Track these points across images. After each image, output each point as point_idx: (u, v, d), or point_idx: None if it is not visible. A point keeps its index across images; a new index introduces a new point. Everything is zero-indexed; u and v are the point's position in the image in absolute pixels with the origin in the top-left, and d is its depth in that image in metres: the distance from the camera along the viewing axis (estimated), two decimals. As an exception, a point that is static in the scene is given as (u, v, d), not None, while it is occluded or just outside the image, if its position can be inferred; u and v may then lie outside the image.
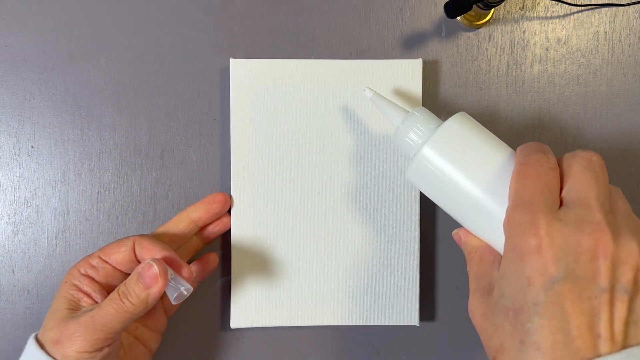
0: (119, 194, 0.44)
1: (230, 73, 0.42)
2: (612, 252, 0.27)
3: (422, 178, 0.34)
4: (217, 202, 0.42)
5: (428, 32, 0.45)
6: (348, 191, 0.43)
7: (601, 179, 0.30)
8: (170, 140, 0.44)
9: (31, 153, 0.44)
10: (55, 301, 0.38)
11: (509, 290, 0.29)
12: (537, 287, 0.27)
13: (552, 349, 0.27)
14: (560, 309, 0.27)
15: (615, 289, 0.27)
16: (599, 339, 0.26)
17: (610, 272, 0.27)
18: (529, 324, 0.27)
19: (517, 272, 0.28)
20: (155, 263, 0.36)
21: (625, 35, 0.45)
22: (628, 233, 0.28)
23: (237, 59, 0.43)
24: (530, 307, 0.27)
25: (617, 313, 0.27)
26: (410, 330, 0.46)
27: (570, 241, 0.28)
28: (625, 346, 0.26)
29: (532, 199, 0.29)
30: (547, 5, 0.45)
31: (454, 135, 0.33)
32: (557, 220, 0.28)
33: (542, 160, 0.31)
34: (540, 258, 0.28)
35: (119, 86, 0.44)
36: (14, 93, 0.44)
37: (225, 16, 0.44)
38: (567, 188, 0.30)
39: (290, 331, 0.45)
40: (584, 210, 0.28)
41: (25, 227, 0.44)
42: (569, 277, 0.27)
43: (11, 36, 0.44)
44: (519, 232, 0.29)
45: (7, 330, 0.45)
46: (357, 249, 0.43)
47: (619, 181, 0.45)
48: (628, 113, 0.45)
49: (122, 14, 0.44)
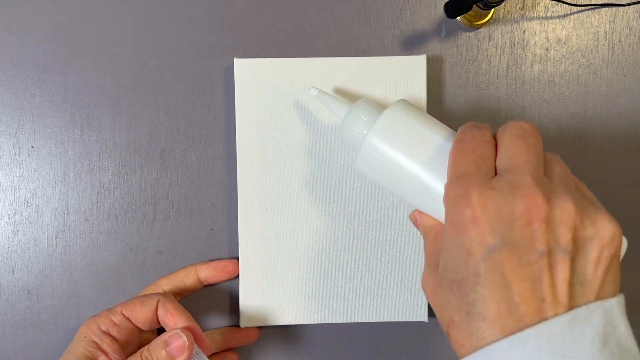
0: (119, 194, 0.44)
1: (235, 72, 0.42)
2: (546, 214, 0.27)
3: (369, 167, 0.35)
4: (227, 273, 0.43)
5: (428, 32, 0.45)
6: (356, 188, 0.43)
7: (532, 145, 0.30)
8: (170, 140, 0.44)
9: (31, 153, 0.44)
10: (71, 355, 0.38)
11: (452, 263, 0.29)
12: (476, 258, 0.27)
13: (497, 318, 0.26)
14: (501, 277, 0.27)
15: (554, 251, 0.27)
16: (543, 303, 0.26)
17: (547, 234, 0.27)
18: (473, 294, 0.27)
19: (457, 244, 0.28)
20: (184, 334, 0.36)
21: (625, 35, 0.45)
22: (563, 193, 0.28)
23: (241, 59, 0.43)
24: (472, 278, 0.27)
25: (560, 275, 0.26)
26: (410, 330, 0.46)
27: (503, 208, 0.27)
28: (572, 307, 0.26)
29: (466, 171, 0.29)
30: (547, 5, 0.45)
31: (395, 121, 0.34)
32: (490, 189, 0.28)
33: (477, 135, 0.31)
34: (476, 228, 0.27)
35: (119, 86, 0.44)
36: (14, 93, 0.44)
37: (225, 16, 0.44)
38: (499, 157, 0.30)
39: (289, 331, 0.45)
40: (516, 175, 0.28)
41: (25, 227, 0.44)
42: (505, 244, 0.27)
43: (11, 36, 0.44)
44: (455, 205, 0.29)
45: (7, 330, 0.45)
46: (365, 246, 0.43)
47: (619, 181, 0.45)
48: (628, 113, 0.45)
49: (122, 14, 0.44)
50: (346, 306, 0.43)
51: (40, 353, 0.45)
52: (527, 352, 0.25)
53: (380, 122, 0.34)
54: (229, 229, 0.45)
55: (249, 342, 0.44)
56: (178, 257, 0.45)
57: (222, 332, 0.43)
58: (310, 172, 0.43)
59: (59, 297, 0.44)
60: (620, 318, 0.27)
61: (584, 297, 0.27)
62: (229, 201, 0.45)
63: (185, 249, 0.45)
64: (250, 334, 0.44)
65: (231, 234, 0.45)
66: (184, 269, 0.43)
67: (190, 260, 0.44)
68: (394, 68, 0.43)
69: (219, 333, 0.43)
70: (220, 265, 0.43)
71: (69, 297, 0.45)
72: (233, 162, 0.44)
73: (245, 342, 0.44)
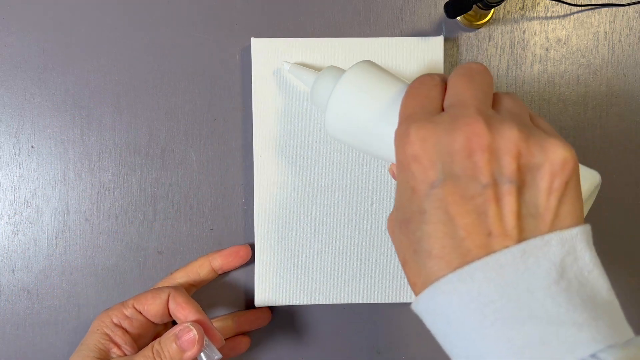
0: (119, 194, 0.44)
1: (252, 52, 0.43)
2: (489, 144, 0.25)
3: (337, 129, 0.36)
4: (240, 257, 0.44)
5: (428, 32, 0.45)
6: (371, 170, 0.43)
7: (478, 81, 0.29)
8: (170, 140, 0.44)
9: (31, 153, 0.44)
10: (84, 347, 0.38)
11: (400, 203, 0.28)
12: (420, 195, 0.27)
13: (442, 254, 0.26)
14: (444, 212, 0.26)
15: (499, 183, 0.25)
16: (489, 237, 0.25)
17: (490, 165, 0.25)
18: (418, 232, 0.27)
19: (402, 183, 0.28)
20: (194, 327, 0.37)
21: (625, 35, 0.45)
22: (508, 121, 0.26)
23: (258, 38, 0.43)
24: (417, 216, 0.27)
25: (507, 207, 0.25)
26: (410, 330, 0.46)
27: (443, 141, 0.26)
28: (522, 240, 0.25)
29: (411, 112, 0.29)
30: (547, 5, 0.45)
31: (355, 80, 0.35)
32: (430, 123, 0.27)
33: (425, 80, 0.30)
34: (418, 165, 0.27)
35: (119, 86, 0.44)
36: (14, 93, 0.44)
37: (225, 16, 0.44)
38: (446, 97, 0.29)
39: (289, 331, 0.45)
40: (459, 109, 0.27)
41: (25, 227, 0.44)
42: (448, 179, 0.26)
43: (11, 36, 0.44)
44: (398, 144, 0.28)
45: (7, 330, 0.45)
46: (380, 227, 0.43)
47: (619, 180, 0.45)
48: (628, 113, 0.45)
49: (122, 14, 0.44)
50: (362, 286, 0.43)
51: (40, 353, 0.45)
52: (476, 284, 0.25)
53: (341, 82, 0.35)
54: (229, 229, 0.45)
55: (262, 325, 0.44)
56: (178, 257, 0.45)
57: (234, 316, 0.44)
58: (326, 155, 0.43)
59: (59, 297, 0.44)
60: (583, 248, 0.25)
61: (535, 230, 0.25)
62: (229, 201, 0.45)
63: (185, 249, 0.45)
64: (263, 316, 0.44)
65: (231, 233, 0.45)
66: (197, 261, 0.43)
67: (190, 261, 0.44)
68: (411, 49, 0.43)
69: (231, 318, 0.44)
70: (232, 251, 0.43)
71: (69, 297, 0.45)
72: (233, 162, 0.44)
73: (258, 324, 0.44)
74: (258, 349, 0.45)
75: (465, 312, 0.25)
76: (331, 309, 0.45)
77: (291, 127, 0.43)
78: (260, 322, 0.44)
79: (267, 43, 0.43)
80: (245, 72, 0.44)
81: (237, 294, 0.45)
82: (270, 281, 0.43)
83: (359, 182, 0.43)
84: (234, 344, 0.44)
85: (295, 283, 0.43)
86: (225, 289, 0.45)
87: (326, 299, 0.43)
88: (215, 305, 0.45)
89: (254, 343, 0.45)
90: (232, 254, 0.43)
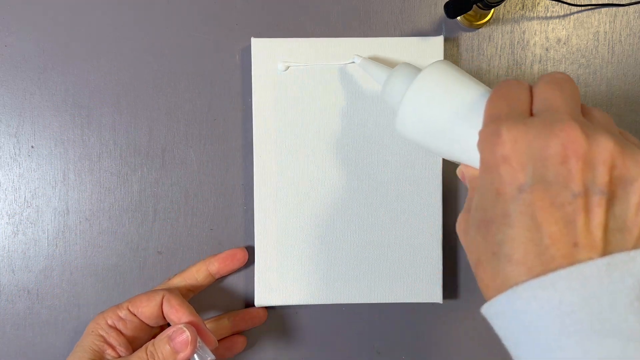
0: (119, 194, 0.44)
1: (252, 52, 0.43)
2: (585, 152, 0.25)
3: (409, 127, 0.35)
4: (237, 260, 0.44)
5: (428, 32, 0.45)
6: (371, 171, 0.43)
7: (568, 89, 0.28)
8: (170, 140, 0.44)
9: (31, 153, 0.44)
10: (79, 349, 0.38)
11: (481, 203, 0.27)
12: (505, 198, 0.26)
13: (524, 260, 0.25)
14: (531, 218, 0.25)
15: (590, 193, 0.25)
16: (575, 247, 0.25)
17: (584, 174, 0.25)
18: (500, 235, 0.26)
19: (487, 184, 0.27)
20: (187, 329, 0.37)
21: (625, 35, 0.45)
22: (603, 131, 0.26)
23: (258, 38, 0.43)
24: (500, 218, 0.26)
25: (596, 219, 0.25)
26: (410, 330, 0.46)
27: (537, 144, 0.26)
28: (607, 253, 0.24)
29: (499, 112, 0.28)
30: (547, 5, 0.45)
31: (433, 78, 0.34)
32: (522, 124, 0.26)
33: (514, 82, 0.30)
34: (507, 166, 0.26)
35: (119, 86, 0.44)
36: (14, 93, 0.44)
37: (225, 16, 0.44)
38: (535, 102, 0.28)
39: (288, 332, 0.46)
40: (552, 114, 0.26)
41: (25, 227, 0.44)
42: (538, 183, 0.25)
43: (11, 36, 0.44)
44: (485, 144, 0.27)
45: (7, 330, 0.45)
46: (380, 228, 0.43)
47: (619, 181, 0.45)
48: (628, 113, 0.45)
49: (122, 14, 0.44)
50: (362, 288, 0.43)
51: (40, 353, 0.45)
52: (558, 293, 0.24)
53: (418, 81, 0.34)
54: (229, 229, 0.45)
55: (258, 324, 0.45)
56: (178, 257, 0.45)
57: (229, 316, 0.44)
58: (328, 154, 0.43)
59: (59, 297, 0.45)
60: None
61: (621, 245, 0.25)
62: (229, 201, 0.45)
63: (185, 249, 0.45)
64: (259, 315, 0.44)
65: (231, 233, 0.45)
66: (194, 266, 0.44)
67: (190, 261, 0.45)
68: (411, 49, 0.43)
69: (227, 317, 0.44)
70: (229, 254, 0.44)
71: (69, 297, 0.45)
72: (233, 162, 0.44)
73: (254, 323, 0.44)
74: (257, 349, 0.45)
75: (544, 319, 0.25)
76: (331, 309, 0.45)
77: (291, 127, 0.43)
78: (256, 321, 0.44)
79: (267, 43, 0.43)
80: (245, 72, 0.44)
81: (237, 294, 0.45)
82: (270, 281, 0.43)
83: (359, 182, 0.43)
84: (230, 344, 0.44)
85: (295, 283, 0.43)
86: (225, 290, 0.45)
87: (326, 299, 0.43)
88: (215, 306, 0.45)
89: (253, 343, 0.45)
90: (229, 257, 0.43)
